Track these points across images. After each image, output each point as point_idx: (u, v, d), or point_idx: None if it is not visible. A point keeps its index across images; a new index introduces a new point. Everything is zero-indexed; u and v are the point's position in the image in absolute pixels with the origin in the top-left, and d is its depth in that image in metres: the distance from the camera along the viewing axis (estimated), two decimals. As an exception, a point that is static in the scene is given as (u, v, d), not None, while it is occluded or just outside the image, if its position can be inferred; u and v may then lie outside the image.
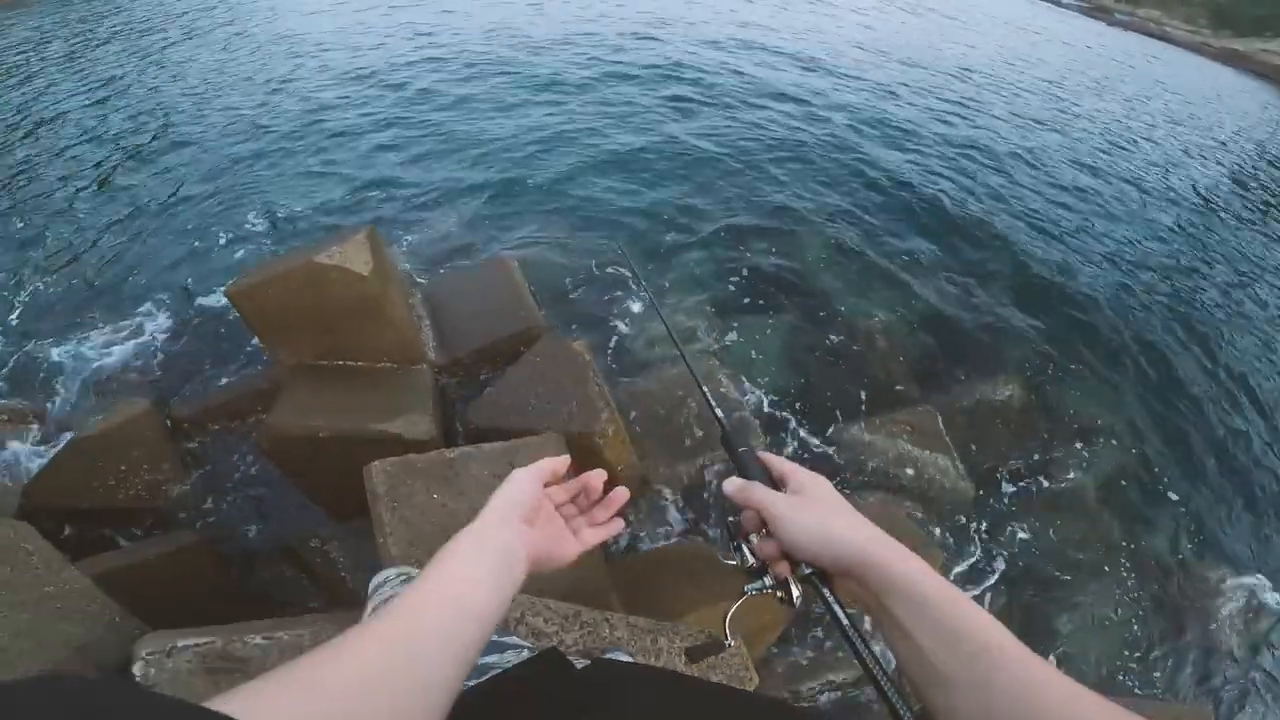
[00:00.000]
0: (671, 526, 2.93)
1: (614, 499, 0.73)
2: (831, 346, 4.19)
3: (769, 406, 3.69)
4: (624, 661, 0.83)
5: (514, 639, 0.87)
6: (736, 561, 0.64)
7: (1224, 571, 3.61)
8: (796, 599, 0.59)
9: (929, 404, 3.78)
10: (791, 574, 0.60)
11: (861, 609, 0.57)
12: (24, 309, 3.93)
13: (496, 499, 0.64)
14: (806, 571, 0.59)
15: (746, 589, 0.62)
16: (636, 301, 4.09)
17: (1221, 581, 3.56)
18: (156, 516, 2.73)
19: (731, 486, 0.66)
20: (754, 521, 0.64)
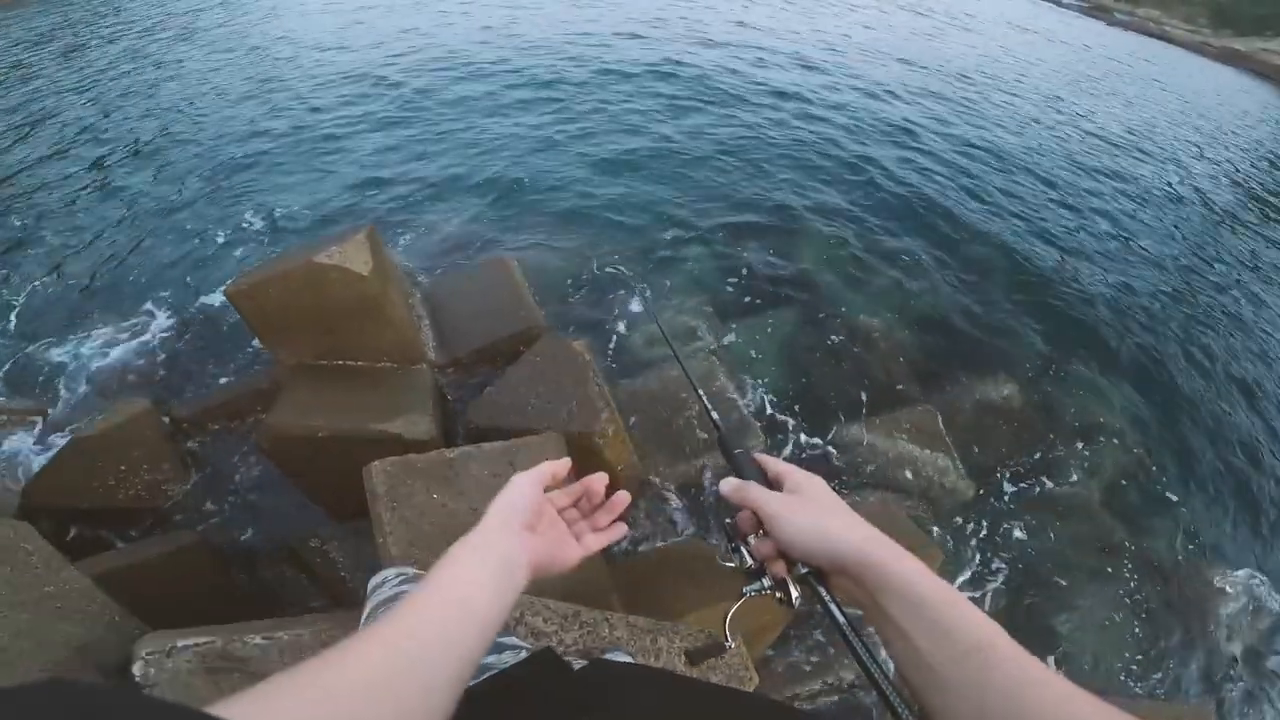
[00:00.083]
0: (671, 527, 2.93)
1: (616, 503, 0.72)
2: (831, 346, 4.19)
3: (769, 406, 3.69)
4: (622, 662, 0.82)
5: (513, 639, 0.87)
6: (735, 563, 0.64)
7: (1224, 571, 3.62)
8: (796, 600, 0.60)
9: (929, 404, 3.78)
10: (788, 573, 0.60)
11: (857, 608, 0.57)
12: (24, 309, 3.93)
13: (497, 505, 0.63)
14: (803, 571, 0.59)
15: (745, 590, 0.62)
16: (637, 301, 4.08)
17: (1221, 581, 3.56)
18: (156, 516, 2.73)
19: (728, 487, 0.66)
20: (751, 522, 0.64)
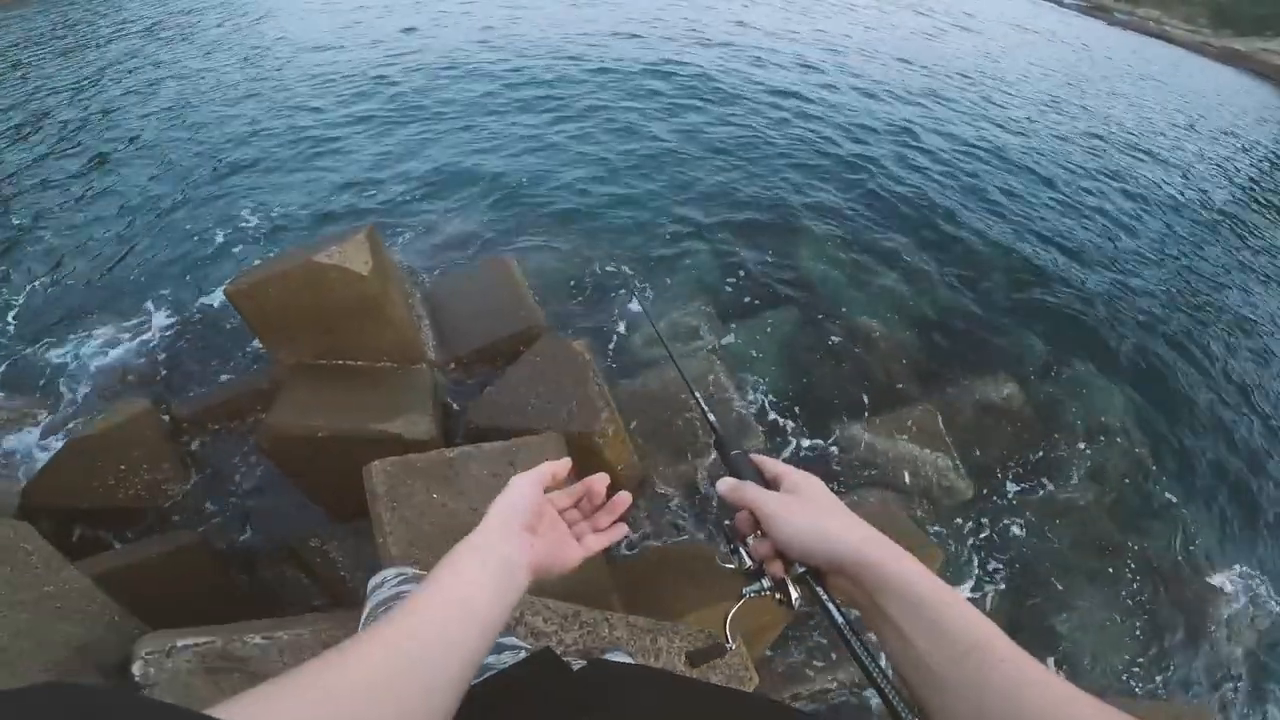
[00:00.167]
0: (672, 527, 2.93)
1: (617, 504, 0.72)
2: (831, 346, 4.19)
3: (769, 406, 3.69)
4: (622, 662, 0.82)
5: (513, 639, 0.87)
6: (734, 565, 0.64)
7: (1224, 571, 3.62)
8: (795, 601, 0.59)
9: (929, 403, 3.78)
10: (786, 573, 0.60)
11: (855, 608, 0.57)
12: (24, 308, 3.94)
13: (498, 506, 0.63)
14: (800, 570, 0.59)
15: (744, 591, 0.62)
16: (637, 301, 4.09)
17: (1221, 581, 3.57)
18: (156, 516, 2.73)
19: (725, 486, 0.66)
20: (748, 523, 0.64)
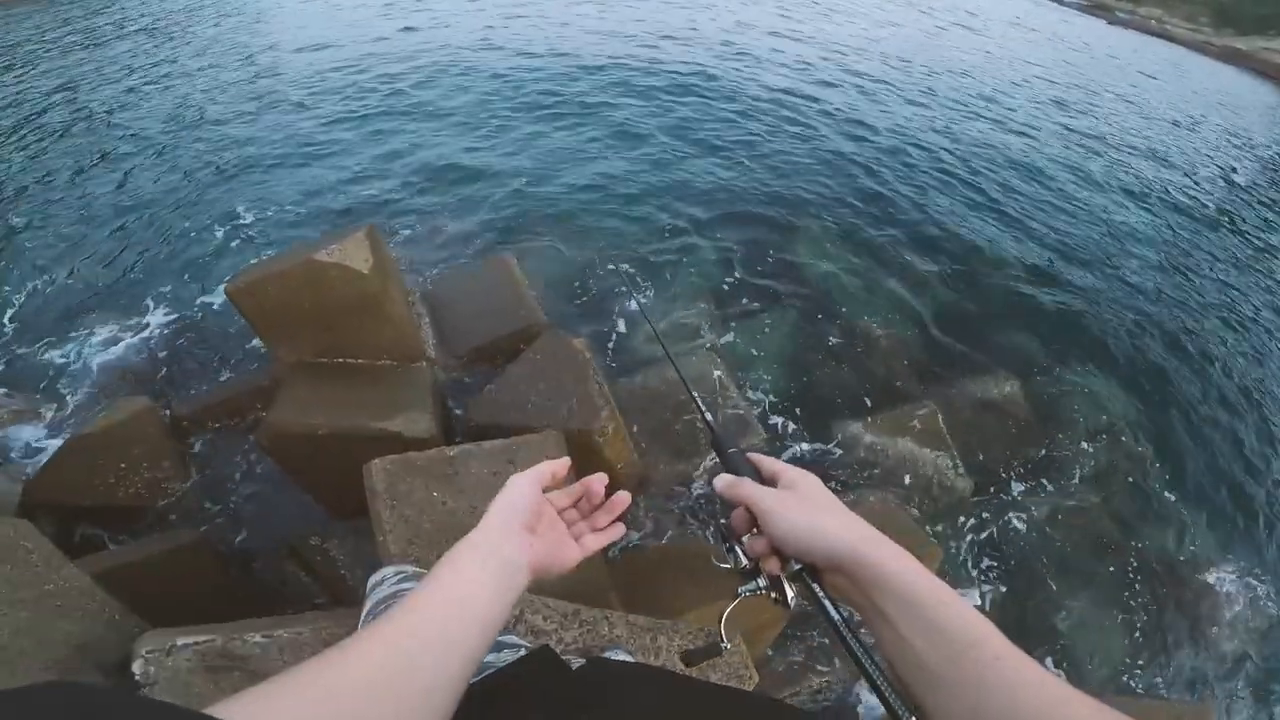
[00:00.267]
0: (671, 525, 2.93)
1: (616, 503, 0.71)
2: (831, 345, 4.19)
3: (768, 405, 3.69)
4: (621, 660, 0.82)
5: (512, 638, 0.87)
6: (730, 564, 0.63)
7: (1224, 571, 3.62)
8: (791, 600, 0.59)
9: (930, 402, 3.78)
10: (782, 571, 0.60)
11: (851, 606, 0.57)
12: (25, 307, 3.93)
13: (497, 506, 0.63)
14: (796, 567, 0.59)
15: (740, 590, 0.62)
16: (635, 300, 4.09)
17: (1222, 581, 3.56)
18: (156, 514, 2.73)
19: (722, 483, 0.66)
20: (745, 521, 0.64)
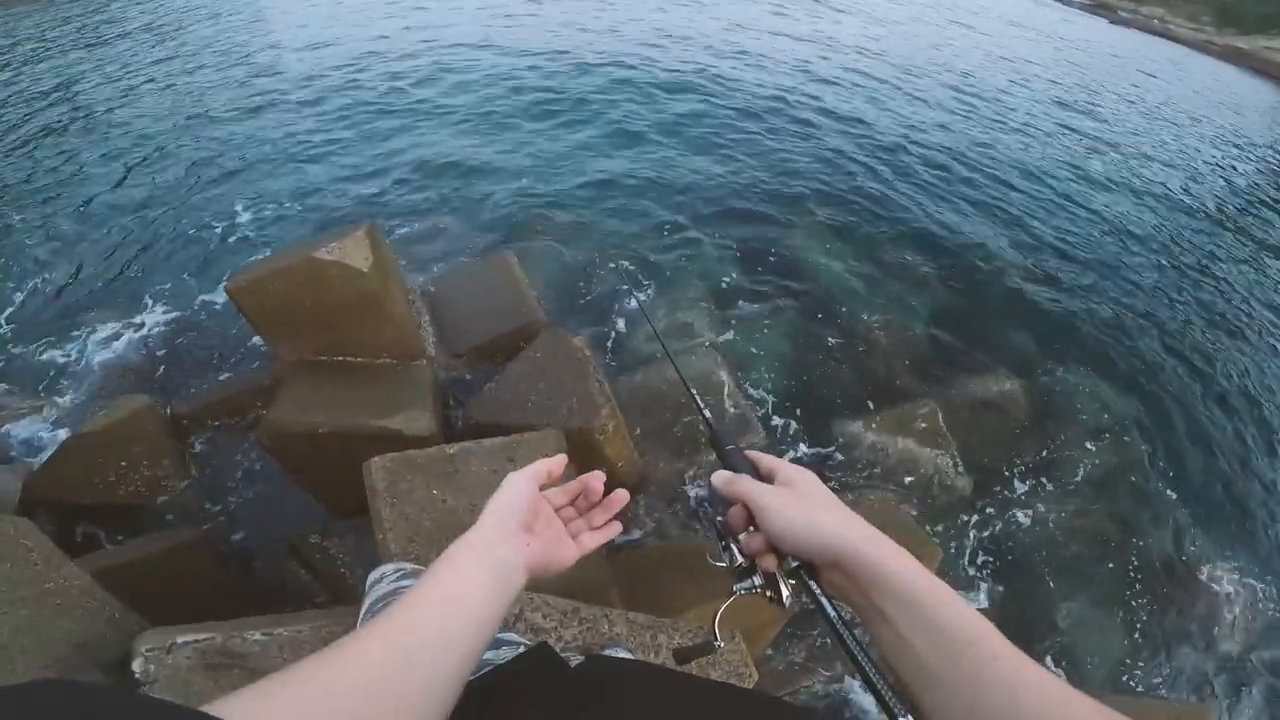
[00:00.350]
0: (671, 523, 2.92)
1: (613, 501, 0.71)
2: (831, 343, 4.19)
3: (768, 403, 3.69)
4: (620, 658, 0.82)
5: (512, 635, 0.87)
6: (725, 562, 0.63)
7: (1225, 570, 3.61)
8: (787, 599, 0.59)
9: (930, 398, 3.78)
10: (779, 568, 0.59)
11: (848, 604, 0.57)
12: (25, 305, 3.94)
13: (493, 505, 0.63)
14: (793, 565, 0.58)
15: (735, 588, 0.61)
16: (635, 299, 4.09)
17: (1222, 580, 3.56)
18: (156, 512, 2.73)
19: (719, 480, 0.66)
20: (741, 519, 0.63)
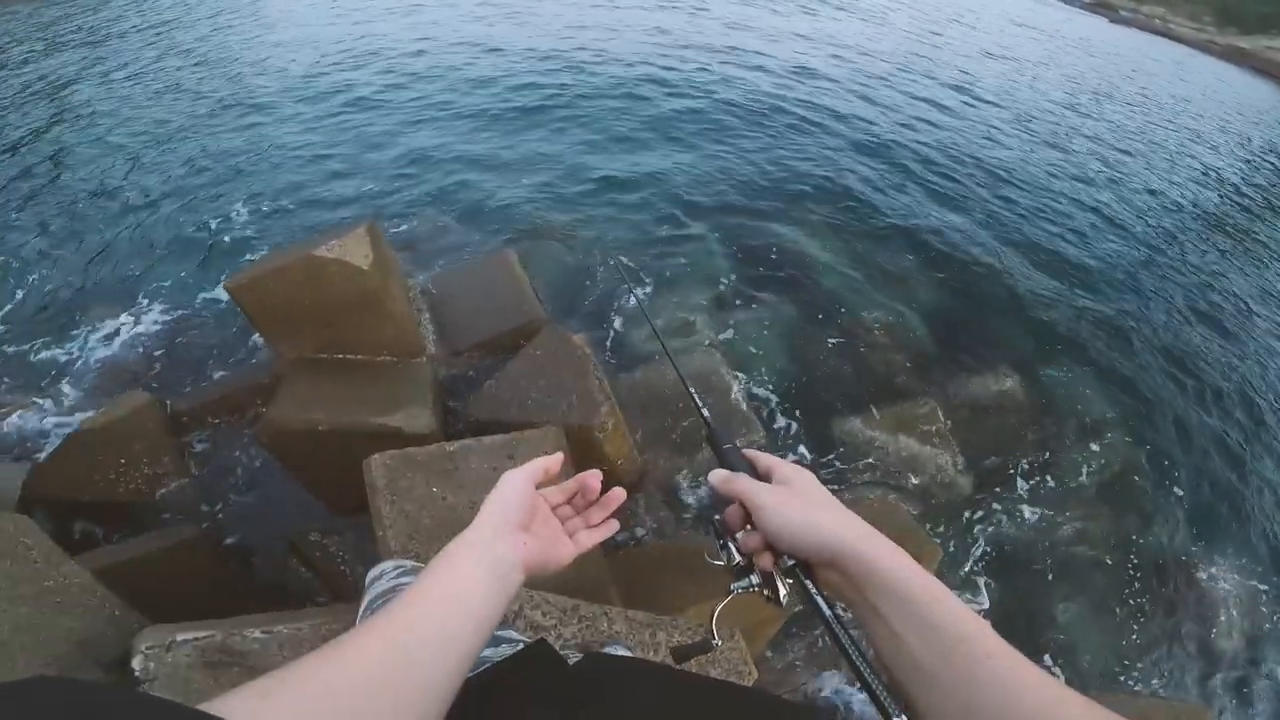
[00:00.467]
0: (671, 521, 2.92)
1: (610, 499, 0.71)
2: (831, 341, 4.18)
3: (768, 401, 3.69)
4: (619, 656, 0.82)
5: (511, 633, 0.87)
6: (723, 561, 0.63)
7: (1224, 570, 3.62)
8: (783, 598, 0.59)
9: (930, 397, 3.78)
10: (775, 566, 0.59)
11: (844, 603, 0.57)
12: (25, 302, 3.93)
13: (490, 504, 0.63)
14: (790, 563, 0.59)
15: (732, 587, 0.61)
16: (634, 296, 4.08)
17: (1222, 580, 3.56)
18: (156, 510, 2.73)
19: (717, 478, 0.66)
20: (738, 517, 0.63)
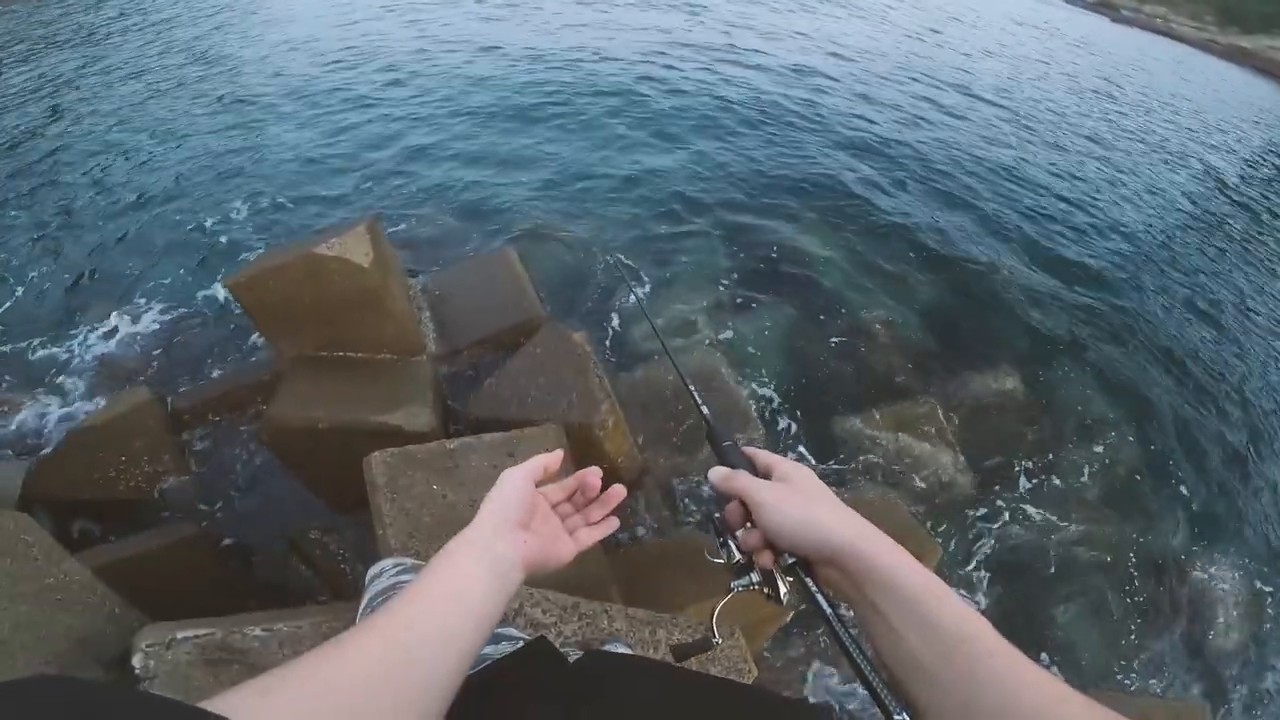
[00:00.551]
0: (671, 519, 2.93)
1: (610, 497, 0.71)
2: (832, 339, 4.18)
3: (768, 399, 3.69)
4: (619, 653, 0.82)
5: (511, 630, 0.87)
6: (723, 559, 0.62)
7: (1224, 569, 3.62)
8: (783, 596, 0.58)
9: (930, 396, 3.77)
10: (775, 564, 0.59)
11: (844, 600, 0.57)
12: (25, 300, 3.93)
13: (490, 503, 0.62)
14: (790, 561, 0.58)
15: (732, 585, 0.61)
16: (634, 295, 4.09)
17: (1222, 579, 3.57)
18: (156, 508, 2.73)
19: (716, 476, 0.66)
20: (738, 515, 0.63)
